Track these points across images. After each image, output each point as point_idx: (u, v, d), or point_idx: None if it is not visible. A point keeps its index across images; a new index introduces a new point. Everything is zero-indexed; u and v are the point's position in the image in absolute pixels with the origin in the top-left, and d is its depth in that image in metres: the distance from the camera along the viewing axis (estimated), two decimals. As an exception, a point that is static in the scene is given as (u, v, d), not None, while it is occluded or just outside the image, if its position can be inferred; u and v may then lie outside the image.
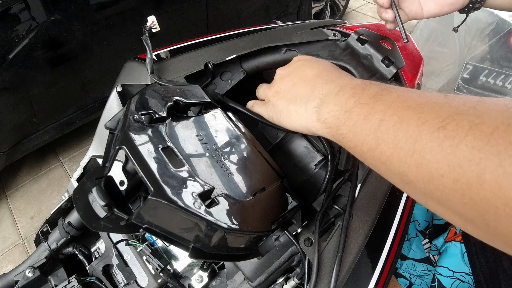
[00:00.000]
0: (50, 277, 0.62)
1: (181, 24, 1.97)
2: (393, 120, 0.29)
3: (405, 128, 0.28)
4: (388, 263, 0.53)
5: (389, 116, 0.30)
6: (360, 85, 0.37)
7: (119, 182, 0.47)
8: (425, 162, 0.25)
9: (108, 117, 0.50)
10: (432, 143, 0.25)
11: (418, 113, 0.28)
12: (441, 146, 0.24)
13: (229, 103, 0.52)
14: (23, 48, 1.42)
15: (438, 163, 0.24)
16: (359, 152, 0.35)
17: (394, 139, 0.29)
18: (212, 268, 0.56)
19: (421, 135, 0.26)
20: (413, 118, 0.28)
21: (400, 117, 0.29)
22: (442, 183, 0.24)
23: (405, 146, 0.27)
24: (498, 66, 1.46)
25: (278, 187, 0.44)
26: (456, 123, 0.24)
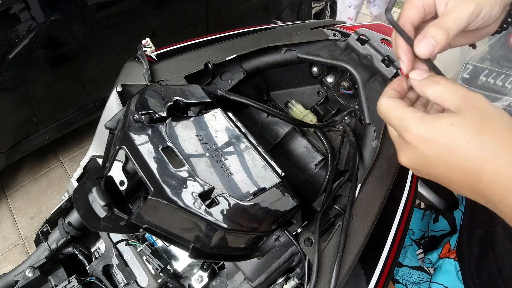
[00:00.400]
0: (50, 277, 0.62)
1: (181, 24, 1.97)
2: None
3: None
4: (388, 263, 0.53)
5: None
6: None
7: (119, 182, 0.47)
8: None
9: (108, 117, 0.50)
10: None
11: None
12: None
13: (231, 97, 0.52)
14: (23, 48, 1.42)
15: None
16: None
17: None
18: (212, 268, 0.56)
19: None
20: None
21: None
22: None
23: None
24: (498, 66, 1.46)
25: (279, 187, 0.44)
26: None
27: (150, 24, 1.82)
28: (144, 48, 0.62)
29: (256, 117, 0.66)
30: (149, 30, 1.82)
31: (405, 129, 0.33)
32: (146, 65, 0.58)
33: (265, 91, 0.73)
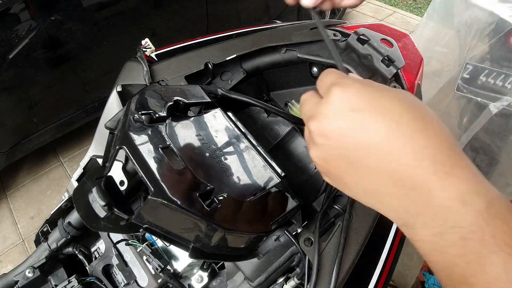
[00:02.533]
0: (50, 277, 0.62)
1: (181, 24, 1.97)
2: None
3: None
4: (388, 264, 0.53)
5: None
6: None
7: (119, 182, 0.47)
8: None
9: (108, 117, 0.50)
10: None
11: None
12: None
13: (232, 95, 0.52)
14: (23, 48, 1.42)
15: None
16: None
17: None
18: (212, 268, 0.56)
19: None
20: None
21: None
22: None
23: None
24: (498, 66, 1.46)
25: (279, 187, 0.44)
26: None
27: (150, 24, 1.82)
28: (144, 49, 0.63)
29: (256, 117, 0.66)
30: (149, 30, 1.82)
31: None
32: (146, 67, 0.58)
33: (265, 91, 0.73)
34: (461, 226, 0.23)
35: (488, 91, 1.46)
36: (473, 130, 1.51)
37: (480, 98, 1.48)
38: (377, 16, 3.43)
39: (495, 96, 1.44)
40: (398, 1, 3.70)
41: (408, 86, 0.64)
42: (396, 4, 3.65)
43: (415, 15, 3.57)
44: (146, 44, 0.63)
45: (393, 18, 3.50)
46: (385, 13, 3.51)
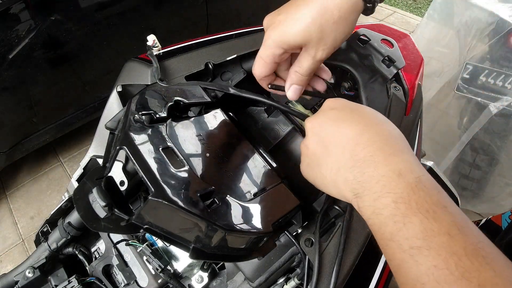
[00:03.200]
0: (50, 277, 0.62)
1: (181, 24, 1.97)
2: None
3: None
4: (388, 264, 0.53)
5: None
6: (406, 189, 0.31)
7: (119, 182, 0.47)
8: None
9: (108, 117, 0.50)
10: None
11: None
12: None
13: (243, 94, 0.51)
14: (23, 48, 1.42)
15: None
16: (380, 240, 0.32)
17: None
18: (213, 268, 0.56)
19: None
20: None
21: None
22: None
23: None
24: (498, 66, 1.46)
25: (279, 187, 0.44)
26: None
27: (150, 24, 1.82)
28: (152, 47, 0.63)
29: (257, 117, 0.66)
30: (149, 30, 1.82)
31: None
32: (156, 63, 0.58)
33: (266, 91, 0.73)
34: (394, 192, 0.31)
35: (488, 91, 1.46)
36: (473, 130, 1.51)
37: (480, 98, 1.48)
38: (377, 16, 3.43)
39: (495, 96, 1.44)
40: (398, 1, 3.70)
41: (409, 87, 0.64)
42: (396, 4, 3.65)
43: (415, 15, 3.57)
44: (154, 43, 0.63)
45: (393, 18, 3.50)
46: (385, 13, 3.51)
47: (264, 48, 0.45)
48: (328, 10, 0.41)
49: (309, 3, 0.41)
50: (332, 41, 0.43)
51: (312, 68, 0.46)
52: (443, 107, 1.76)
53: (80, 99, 1.82)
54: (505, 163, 1.53)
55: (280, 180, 0.45)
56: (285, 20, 0.42)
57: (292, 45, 0.43)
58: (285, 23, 0.42)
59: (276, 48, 0.43)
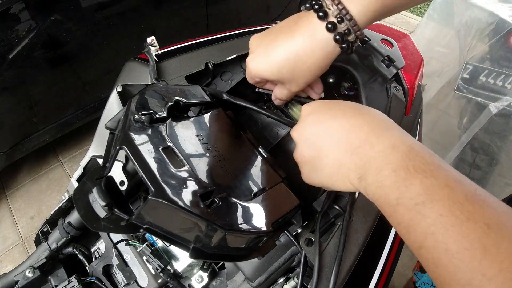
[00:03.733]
0: (50, 277, 0.62)
1: (181, 24, 1.97)
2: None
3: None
4: (388, 264, 0.53)
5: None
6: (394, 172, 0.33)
7: (119, 182, 0.47)
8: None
9: (108, 117, 0.50)
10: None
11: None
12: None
13: (236, 101, 0.52)
14: (23, 48, 1.42)
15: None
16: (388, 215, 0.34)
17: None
18: (212, 268, 0.56)
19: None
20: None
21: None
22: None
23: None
24: (498, 66, 1.46)
25: (279, 187, 0.44)
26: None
27: (150, 24, 1.82)
28: (150, 46, 0.63)
29: (256, 117, 0.66)
30: (149, 30, 1.82)
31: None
32: (152, 61, 0.58)
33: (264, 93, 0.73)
34: (392, 162, 0.33)
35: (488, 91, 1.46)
36: (473, 130, 1.51)
37: (480, 98, 1.48)
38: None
39: (495, 96, 1.44)
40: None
41: (409, 86, 0.64)
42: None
43: (415, 15, 3.57)
44: (152, 42, 0.63)
45: (393, 18, 3.50)
46: (385, 13, 3.50)
47: (247, 72, 0.49)
48: (300, 58, 0.43)
49: (285, 44, 0.44)
50: (304, 81, 0.46)
51: (289, 96, 0.50)
52: (443, 107, 1.76)
53: (80, 99, 1.82)
54: (505, 163, 1.53)
55: (280, 180, 0.45)
56: (263, 55, 0.46)
57: (265, 78, 0.47)
58: (262, 59, 0.46)
59: (254, 77, 0.48)
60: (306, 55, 0.43)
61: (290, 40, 0.43)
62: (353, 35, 0.42)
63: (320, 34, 0.42)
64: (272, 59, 0.45)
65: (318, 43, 0.42)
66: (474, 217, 0.27)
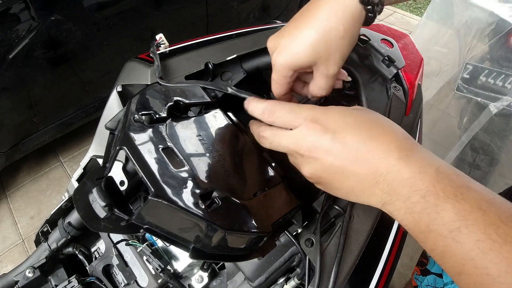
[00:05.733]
0: (50, 277, 0.62)
1: (181, 24, 1.97)
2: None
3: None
4: (388, 264, 0.53)
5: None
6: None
7: (119, 182, 0.47)
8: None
9: (108, 117, 0.50)
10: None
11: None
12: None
13: (241, 94, 0.51)
14: (23, 48, 1.42)
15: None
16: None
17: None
18: (213, 268, 0.56)
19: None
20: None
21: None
22: None
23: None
24: (498, 66, 1.46)
25: (279, 187, 0.44)
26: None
27: (150, 24, 1.82)
28: (158, 44, 0.62)
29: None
30: (149, 30, 1.82)
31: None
32: (157, 61, 0.58)
33: (265, 91, 0.73)
34: (421, 188, 0.32)
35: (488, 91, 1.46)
36: (473, 130, 1.51)
37: (480, 98, 1.48)
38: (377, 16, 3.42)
39: (495, 96, 1.44)
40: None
41: (409, 87, 0.64)
42: (396, 4, 3.66)
43: (415, 15, 3.57)
44: (161, 39, 0.63)
45: (393, 18, 3.50)
46: (385, 13, 3.51)
47: (275, 72, 0.45)
48: (333, 27, 0.40)
49: (311, 23, 0.41)
50: (340, 55, 0.42)
51: (330, 84, 0.45)
52: (443, 107, 1.76)
53: (80, 99, 1.83)
54: (505, 163, 1.53)
55: (280, 180, 0.45)
56: (290, 43, 0.42)
57: (301, 66, 0.43)
58: (291, 46, 0.42)
59: (286, 71, 0.44)
60: (338, 20, 0.40)
61: (317, 15, 0.41)
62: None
63: (348, 1, 0.40)
64: (304, 40, 0.41)
65: (346, 7, 0.40)
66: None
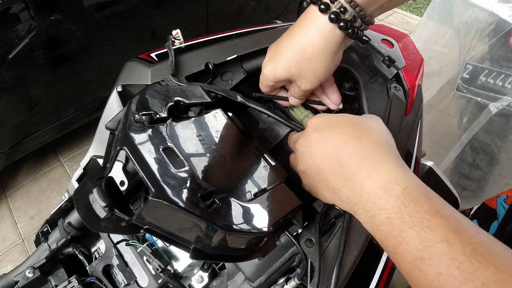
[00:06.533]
0: (50, 277, 0.62)
1: (181, 24, 1.97)
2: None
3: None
4: (389, 264, 0.53)
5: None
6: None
7: (120, 183, 0.47)
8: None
9: (108, 117, 0.50)
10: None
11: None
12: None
13: (249, 104, 0.52)
14: (23, 48, 1.42)
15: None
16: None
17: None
18: (213, 268, 0.56)
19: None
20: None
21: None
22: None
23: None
24: (498, 66, 1.46)
25: (280, 187, 0.44)
26: None
27: (150, 24, 1.82)
28: (173, 39, 0.63)
29: (257, 118, 0.66)
30: (149, 30, 1.82)
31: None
32: (172, 57, 0.58)
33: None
34: (386, 208, 0.31)
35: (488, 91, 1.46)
36: (473, 130, 1.51)
37: (480, 98, 1.48)
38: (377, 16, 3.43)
39: (495, 96, 1.44)
40: (398, 1, 3.70)
41: (409, 87, 0.64)
42: (396, 4, 3.65)
43: (415, 15, 3.57)
44: (177, 35, 0.63)
45: (393, 18, 3.50)
46: (385, 13, 3.51)
47: (262, 77, 0.52)
48: (301, 49, 0.44)
49: (289, 44, 0.46)
50: (313, 75, 0.46)
51: (303, 95, 0.52)
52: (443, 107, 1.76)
53: (80, 99, 1.83)
54: (505, 163, 1.53)
55: (281, 180, 0.45)
56: (274, 58, 0.49)
57: (279, 79, 0.50)
58: (273, 61, 0.49)
59: (268, 80, 0.51)
60: (310, 46, 0.43)
61: (294, 35, 0.44)
62: (359, 21, 0.41)
63: (324, 26, 0.41)
64: (280, 58, 0.47)
65: (321, 31, 0.42)
66: (473, 276, 0.26)
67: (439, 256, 0.28)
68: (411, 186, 0.32)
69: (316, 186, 0.42)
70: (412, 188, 0.32)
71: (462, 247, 0.27)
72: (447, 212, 0.30)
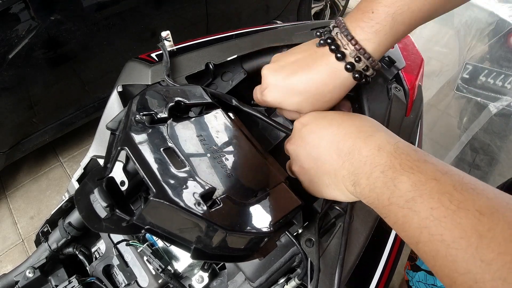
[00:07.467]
0: (51, 277, 0.62)
1: (181, 24, 1.97)
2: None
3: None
4: (389, 264, 0.53)
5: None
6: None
7: (120, 183, 0.47)
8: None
9: (108, 117, 0.50)
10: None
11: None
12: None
13: (244, 108, 0.52)
14: (23, 48, 1.42)
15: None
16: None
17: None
18: (213, 268, 0.56)
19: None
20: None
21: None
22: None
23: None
24: (498, 66, 1.46)
25: (280, 187, 0.44)
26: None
27: (150, 24, 1.82)
28: (164, 40, 0.62)
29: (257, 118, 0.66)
30: (149, 30, 1.82)
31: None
32: (166, 57, 0.58)
33: None
34: (380, 163, 0.34)
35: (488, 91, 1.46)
36: (473, 130, 1.51)
37: (480, 98, 1.48)
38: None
39: (495, 96, 1.44)
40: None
41: (409, 87, 0.64)
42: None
43: (415, 15, 3.56)
44: (167, 36, 0.63)
45: (393, 18, 3.49)
46: (385, 13, 3.50)
47: (263, 100, 0.50)
48: (321, 92, 0.45)
49: (305, 79, 0.45)
50: (314, 110, 0.48)
51: (290, 117, 0.52)
52: (443, 107, 1.76)
53: (80, 99, 1.83)
54: (505, 163, 1.54)
55: (281, 180, 0.45)
56: (283, 88, 0.47)
57: (283, 109, 0.50)
58: (281, 91, 0.47)
59: (272, 106, 0.50)
60: (327, 89, 0.45)
61: (310, 74, 0.45)
62: (371, 70, 0.43)
63: (339, 72, 0.43)
64: (293, 92, 0.46)
65: (338, 79, 0.44)
66: (465, 205, 0.27)
67: (430, 193, 0.29)
68: (401, 143, 0.35)
69: (316, 177, 0.43)
70: (402, 145, 0.35)
71: (451, 183, 0.29)
72: (435, 160, 0.32)
